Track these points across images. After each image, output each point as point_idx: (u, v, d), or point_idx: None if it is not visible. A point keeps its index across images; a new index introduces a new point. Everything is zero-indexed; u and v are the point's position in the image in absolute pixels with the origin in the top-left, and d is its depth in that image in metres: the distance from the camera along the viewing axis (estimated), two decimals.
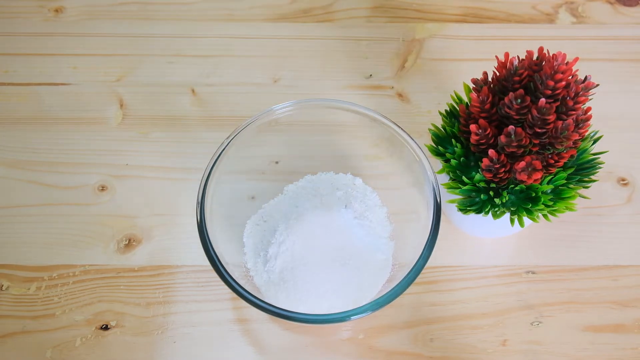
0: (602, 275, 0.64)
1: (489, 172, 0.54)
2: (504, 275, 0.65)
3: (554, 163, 0.54)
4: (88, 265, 0.65)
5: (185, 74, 0.76)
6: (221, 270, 0.53)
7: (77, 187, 0.69)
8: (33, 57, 0.77)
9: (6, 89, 0.75)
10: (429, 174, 0.57)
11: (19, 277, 0.64)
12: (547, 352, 0.61)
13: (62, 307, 0.63)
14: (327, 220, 0.62)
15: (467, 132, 0.55)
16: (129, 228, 0.67)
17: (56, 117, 0.73)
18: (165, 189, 0.69)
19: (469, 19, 0.79)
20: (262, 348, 0.62)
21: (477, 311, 0.63)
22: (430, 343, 0.61)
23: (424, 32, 0.78)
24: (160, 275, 0.65)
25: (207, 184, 0.57)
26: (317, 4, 0.80)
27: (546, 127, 0.52)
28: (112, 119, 0.73)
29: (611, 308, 0.63)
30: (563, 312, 0.63)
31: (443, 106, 0.65)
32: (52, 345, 0.61)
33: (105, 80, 0.75)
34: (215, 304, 0.63)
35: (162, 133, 0.72)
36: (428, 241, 0.54)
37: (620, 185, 0.69)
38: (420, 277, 0.54)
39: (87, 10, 0.80)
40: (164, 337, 0.62)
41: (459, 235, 0.66)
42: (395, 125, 0.60)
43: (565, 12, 0.80)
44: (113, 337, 0.62)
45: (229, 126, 0.67)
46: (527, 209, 0.56)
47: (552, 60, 0.52)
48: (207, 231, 0.55)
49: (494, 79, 0.56)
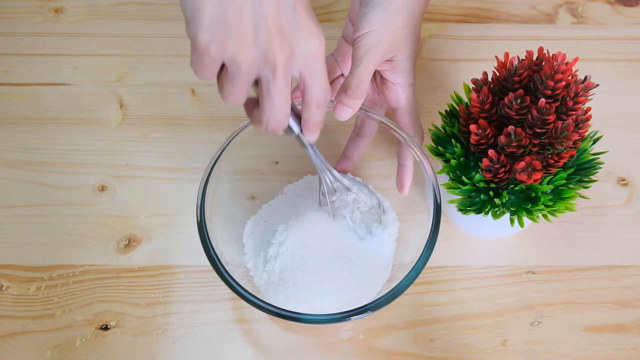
0: (602, 275, 0.64)
1: (489, 172, 0.54)
2: (504, 275, 0.65)
3: (553, 163, 0.54)
4: (88, 266, 0.65)
5: (185, 74, 0.75)
6: (221, 270, 0.53)
7: (77, 187, 0.69)
8: (33, 57, 0.77)
9: (6, 89, 0.75)
10: (429, 174, 0.57)
11: (19, 277, 0.64)
12: (547, 352, 0.61)
13: (62, 308, 0.63)
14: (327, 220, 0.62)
15: (467, 132, 0.55)
16: (129, 228, 0.67)
17: (56, 117, 0.73)
18: (165, 189, 0.69)
19: (468, 19, 0.79)
20: (262, 348, 0.62)
21: (477, 311, 0.63)
22: (430, 343, 0.61)
23: (424, 32, 0.78)
24: (160, 275, 0.65)
25: (207, 184, 0.57)
26: (317, 4, 0.80)
27: (546, 127, 0.52)
28: (112, 119, 0.73)
29: (611, 308, 0.63)
30: (563, 312, 0.63)
31: (443, 106, 0.65)
32: (52, 345, 0.61)
33: (105, 80, 0.75)
34: (215, 304, 0.63)
35: (162, 133, 0.72)
36: (428, 241, 0.54)
37: (620, 185, 0.69)
38: (420, 277, 0.54)
39: (87, 10, 0.80)
40: (164, 337, 0.62)
41: (459, 235, 0.66)
42: (395, 126, 0.60)
43: (565, 12, 0.80)
44: (113, 337, 0.62)
45: (229, 126, 0.67)
46: (527, 209, 0.56)
47: (552, 60, 0.52)
48: (207, 231, 0.55)
49: (493, 79, 0.56)
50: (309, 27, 0.45)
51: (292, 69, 0.46)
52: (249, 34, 0.43)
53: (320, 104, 0.50)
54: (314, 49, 0.46)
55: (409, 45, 0.58)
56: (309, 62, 0.47)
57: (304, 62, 0.47)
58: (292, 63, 0.45)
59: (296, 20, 0.44)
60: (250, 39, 0.43)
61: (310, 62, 0.47)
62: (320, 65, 0.48)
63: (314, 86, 0.48)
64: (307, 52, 0.46)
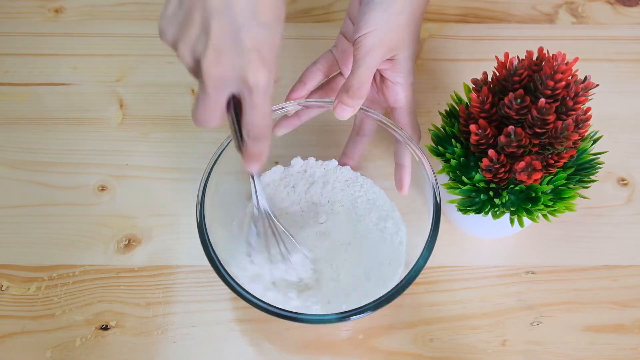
0: (602, 275, 0.64)
1: (489, 172, 0.54)
2: (504, 275, 0.65)
3: (553, 163, 0.54)
4: (88, 266, 0.65)
5: (185, 74, 0.74)
6: (221, 270, 0.53)
7: (77, 187, 0.69)
8: (33, 57, 0.77)
9: (6, 89, 0.75)
10: (429, 174, 0.57)
11: (19, 277, 0.64)
12: (547, 352, 0.61)
13: (62, 308, 0.63)
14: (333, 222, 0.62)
15: (467, 132, 0.55)
16: (128, 228, 0.67)
17: (56, 117, 0.73)
18: (165, 189, 0.69)
19: (468, 19, 0.79)
20: (262, 348, 0.62)
21: (477, 311, 0.63)
22: (430, 343, 0.61)
23: (424, 32, 0.78)
24: (160, 275, 0.65)
25: (207, 184, 0.57)
26: (317, 4, 0.80)
27: (546, 127, 0.52)
28: (112, 119, 0.73)
29: (611, 308, 0.63)
30: (563, 312, 0.63)
31: (443, 106, 0.65)
32: (52, 345, 0.61)
33: (105, 80, 0.75)
34: (215, 304, 0.63)
35: (162, 133, 0.72)
36: (428, 241, 0.54)
37: (620, 185, 0.69)
38: (420, 277, 0.54)
39: (87, 11, 0.80)
40: (164, 337, 0.62)
41: (459, 235, 0.66)
42: (394, 125, 0.60)
43: (565, 12, 0.80)
44: (113, 337, 0.62)
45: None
46: (527, 209, 0.56)
47: (552, 60, 0.52)
48: (207, 231, 0.55)
49: (493, 79, 0.56)
50: (253, 59, 0.45)
51: (227, 88, 0.46)
52: (193, 35, 0.45)
53: (252, 136, 0.48)
54: (253, 81, 0.45)
55: (409, 45, 0.58)
56: (243, 90, 0.46)
57: (240, 88, 0.46)
58: (225, 82, 0.45)
59: (239, 48, 0.44)
60: (192, 38, 0.45)
61: (246, 91, 0.46)
62: (258, 99, 0.46)
63: (245, 116, 0.48)
64: (247, 81, 0.45)
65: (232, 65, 0.45)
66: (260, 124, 0.48)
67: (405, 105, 0.60)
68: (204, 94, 0.46)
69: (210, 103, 0.46)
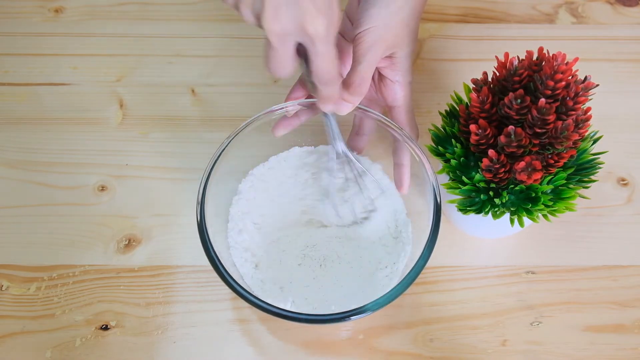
0: (602, 275, 0.64)
1: (489, 172, 0.54)
2: (504, 275, 0.65)
3: (553, 163, 0.54)
4: (88, 266, 0.65)
5: (185, 74, 0.76)
6: (221, 270, 0.53)
7: (77, 187, 0.69)
8: (33, 57, 0.77)
9: (6, 89, 0.75)
10: (429, 174, 0.57)
11: (19, 277, 0.64)
12: (547, 352, 0.61)
13: (62, 308, 0.63)
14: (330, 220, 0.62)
15: (467, 132, 0.55)
16: (128, 228, 0.67)
17: (56, 117, 0.73)
18: (165, 189, 0.69)
19: (468, 19, 0.79)
20: (262, 348, 0.62)
21: (477, 311, 0.63)
22: (430, 343, 0.61)
23: (424, 32, 0.78)
24: (160, 275, 0.65)
25: (207, 184, 0.57)
26: None
27: (546, 127, 0.52)
28: (112, 119, 0.73)
29: (611, 308, 0.63)
30: (563, 312, 0.63)
31: (443, 106, 0.65)
32: (52, 345, 0.61)
33: (105, 80, 0.75)
34: (215, 304, 0.63)
35: (162, 133, 0.72)
36: (428, 241, 0.54)
37: (620, 185, 0.69)
38: (420, 277, 0.54)
39: (87, 11, 0.80)
40: (164, 337, 0.62)
41: (459, 235, 0.66)
42: (393, 124, 0.60)
43: (565, 12, 0.80)
44: (113, 337, 0.62)
45: (229, 126, 0.67)
46: (527, 209, 0.56)
47: (552, 60, 0.52)
48: (207, 231, 0.55)
49: (493, 79, 0.56)
50: (308, 9, 0.46)
51: (290, 40, 0.48)
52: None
53: (322, 81, 0.51)
54: (312, 30, 0.47)
55: (408, 43, 0.58)
56: (306, 40, 0.48)
57: (303, 38, 0.48)
58: (288, 35, 0.47)
59: (293, 1, 0.46)
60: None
61: (308, 40, 0.48)
62: (320, 47, 0.48)
63: (312, 64, 0.50)
64: (307, 31, 0.47)
65: (290, 18, 0.46)
66: (327, 69, 0.51)
67: (403, 103, 0.60)
68: (271, 48, 0.48)
69: (279, 55, 0.49)
